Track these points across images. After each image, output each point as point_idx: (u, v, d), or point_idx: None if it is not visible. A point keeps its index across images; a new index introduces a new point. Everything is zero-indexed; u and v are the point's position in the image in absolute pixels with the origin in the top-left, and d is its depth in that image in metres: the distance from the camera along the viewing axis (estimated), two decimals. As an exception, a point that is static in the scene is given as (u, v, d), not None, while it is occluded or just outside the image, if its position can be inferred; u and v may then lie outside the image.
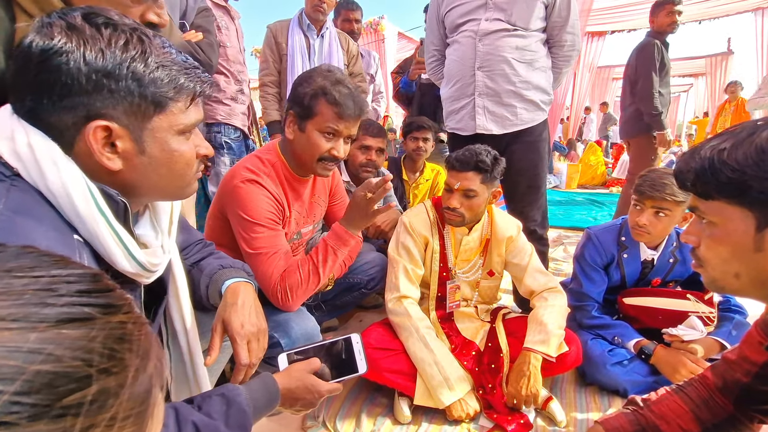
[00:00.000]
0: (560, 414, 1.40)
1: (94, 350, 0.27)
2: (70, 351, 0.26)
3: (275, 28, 2.52)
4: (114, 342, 0.29)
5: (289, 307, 1.29)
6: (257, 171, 1.34)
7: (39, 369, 0.25)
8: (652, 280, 1.65)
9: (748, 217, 0.63)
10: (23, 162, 0.59)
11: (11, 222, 0.54)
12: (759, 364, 0.87)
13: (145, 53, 0.62)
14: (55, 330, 0.27)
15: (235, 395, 0.77)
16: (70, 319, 0.28)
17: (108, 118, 0.61)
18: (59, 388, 0.25)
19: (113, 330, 0.29)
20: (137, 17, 0.83)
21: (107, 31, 0.60)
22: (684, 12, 3.26)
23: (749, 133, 0.63)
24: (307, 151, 1.35)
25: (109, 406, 0.27)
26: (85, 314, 0.28)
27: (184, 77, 0.66)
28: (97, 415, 0.27)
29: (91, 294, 0.30)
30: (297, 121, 1.34)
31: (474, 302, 1.71)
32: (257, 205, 1.30)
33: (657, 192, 1.44)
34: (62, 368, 0.26)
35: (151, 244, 0.75)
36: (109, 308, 0.30)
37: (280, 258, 1.30)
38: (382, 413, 1.45)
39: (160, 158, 0.67)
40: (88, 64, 0.58)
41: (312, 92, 1.30)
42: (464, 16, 1.82)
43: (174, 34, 1.28)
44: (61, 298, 0.28)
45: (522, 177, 1.90)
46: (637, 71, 3.11)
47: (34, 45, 0.58)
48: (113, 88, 0.60)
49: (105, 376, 0.27)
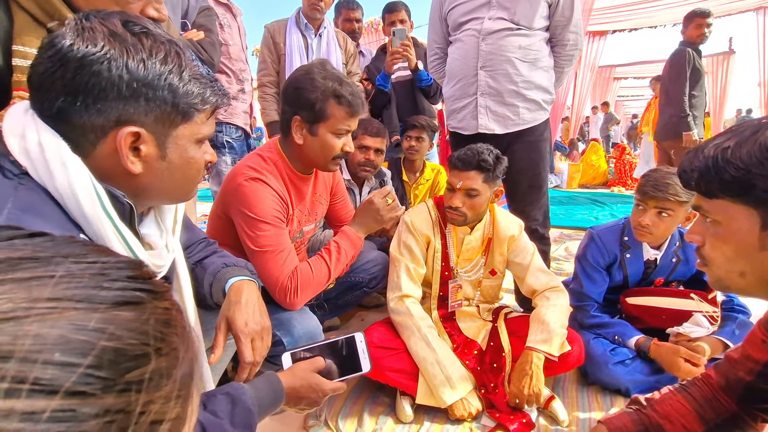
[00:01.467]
0: (562, 413, 1.40)
1: (147, 332, 0.29)
2: (127, 332, 0.28)
3: (273, 27, 2.51)
4: (162, 326, 0.30)
5: (293, 305, 1.29)
6: (260, 169, 1.34)
7: (105, 345, 0.26)
8: (655, 279, 1.65)
9: (753, 215, 0.63)
10: (32, 161, 0.60)
11: (19, 220, 0.55)
12: (762, 362, 0.87)
13: (181, 67, 0.65)
14: (113, 311, 0.28)
15: (240, 394, 0.78)
16: (125, 302, 0.29)
17: (138, 124, 0.63)
18: (123, 365, 0.27)
19: (161, 314, 0.31)
20: (137, 12, 0.84)
21: (148, 41, 0.63)
22: (685, 11, 3.41)
23: (753, 132, 0.63)
24: (321, 154, 1.36)
25: (163, 384, 0.29)
26: (137, 298, 0.30)
27: (210, 90, 0.70)
28: (155, 393, 0.28)
29: (137, 279, 0.31)
30: (306, 126, 1.33)
31: (476, 301, 1.71)
32: (262, 203, 1.29)
33: (660, 192, 1.44)
34: (123, 345, 0.27)
35: (156, 243, 0.76)
36: (155, 294, 0.32)
37: (286, 256, 1.30)
38: (384, 412, 1.45)
39: (177, 164, 0.70)
40: (130, 72, 0.61)
41: (322, 96, 1.29)
42: (467, 15, 1.81)
43: (171, 30, 1.29)
44: (114, 282, 0.30)
45: (523, 176, 1.90)
46: (669, 77, 3.35)
47: (75, 48, 0.58)
48: (150, 97, 0.63)
49: (158, 356, 0.29)
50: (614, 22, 7.83)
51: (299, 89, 1.32)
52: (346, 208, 1.74)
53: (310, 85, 1.30)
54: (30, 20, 0.78)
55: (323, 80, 1.30)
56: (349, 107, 1.31)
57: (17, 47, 0.77)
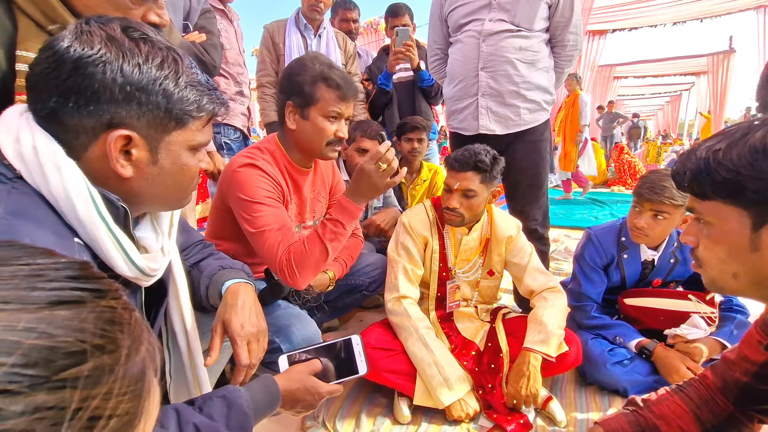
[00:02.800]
0: (560, 414, 1.40)
1: (86, 330, 0.29)
2: (62, 330, 0.28)
3: (272, 28, 2.51)
4: (105, 323, 0.30)
5: (296, 284, 1.25)
6: (254, 156, 1.37)
7: (35, 344, 0.26)
8: (653, 280, 1.65)
9: (744, 216, 0.64)
10: (26, 164, 0.60)
11: (11, 226, 0.55)
12: (758, 363, 0.87)
13: (177, 73, 0.65)
14: (47, 311, 0.28)
15: (236, 397, 0.78)
16: (60, 302, 0.29)
17: (130, 127, 0.63)
18: (56, 362, 0.27)
19: (103, 312, 0.31)
20: (138, 18, 0.84)
21: (145, 47, 0.63)
22: (685, 10, 3.34)
23: (743, 134, 0.63)
24: (314, 138, 1.37)
25: (104, 381, 0.29)
26: (75, 297, 0.30)
27: (207, 98, 0.69)
28: (93, 389, 0.28)
29: (79, 279, 0.31)
30: (298, 111, 1.36)
31: (474, 302, 1.71)
32: (256, 185, 1.31)
33: (656, 195, 1.44)
34: (57, 343, 0.27)
35: (151, 247, 0.76)
36: (98, 292, 0.32)
37: (282, 232, 1.28)
38: (381, 413, 1.45)
39: (169, 170, 0.70)
40: (125, 76, 0.60)
41: (311, 79, 1.32)
42: (468, 16, 1.82)
43: (173, 34, 1.29)
44: (49, 282, 0.30)
45: (523, 176, 1.90)
46: None
47: (72, 50, 0.59)
48: (143, 101, 0.63)
49: (99, 353, 0.29)
50: (614, 21, 7.84)
51: (290, 75, 1.36)
52: None
53: (301, 70, 1.34)
54: (33, 26, 0.78)
55: (312, 65, 1.33)
56: (338, 89, 1.33)
57: (20, 52, 0.78)
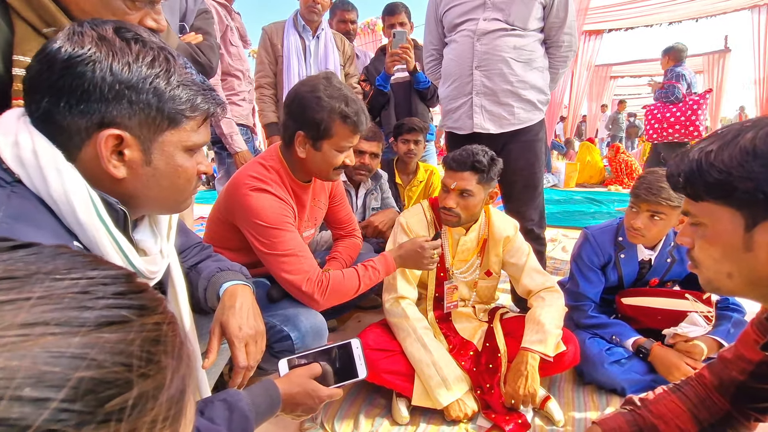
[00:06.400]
0: (558, 413, 1.40)
1: (132, 354, 0.27)
2: (110, 355, 0.26)
3: (270, 29, 2.51)
4: (150, 344, 0.29)
5: (318, 304, 1.33)
6: (263, 178, 1.35)
7: (83, 375, 0.25)
8: (650, 280, 1.66)
9: (737, 217, 0.64)
10: (26, 168, 0.60)
11: (11, 229, 0.55)
12: (754, 362, 0.88)
13: (168, 71, 0.64)
14: (95, 334, 0.26)
15: (237, 401, 0.78)
16: (108, 323, 0.27)
17: (122, 127, 0.63)
18: (102, 394, 0.25)
19: (149, 332, 0.29)
20: (135, 23, 0.83)
21: (136, 46, 0.62)
22: (680, 10, 3.33)
23: (734, 135, 0.65)
24: (323, 167, 1.39)
25: (148, 409, 0.27)
26: (122, 317, 0.28)
27: (201, 98, 0.68)
28: (138, 419, 0.27)
29: (125, 296, 0.30)
30: (310, 141, 1.35)
31: (472, 302, 1.71)
32: (272, 211, 1.31)
33: (652, 196, 1.44)
34: (104, 374, 0.26)
35: (150, 249, 0.76)
36: (144, 310, 0.30)
37: (308, 258, 1.34)
38: (380, 414, 1.45)
39: (164, 171, 0.69)
40: (114, 74, 0.60)
41: (328, 117, 1.30)
42: (462, 16, 1.82)
43: (171, 37, 1.29)
44: (98, 301, 0.28)
45: (519, 176, 1.90)
46: None
47: (62, 50, 0.59)
48: (133, 100, 0.62)
49: (143, 380, 0.27)
50: (610, 21, 7.85)
51: (305, 107, 1.31)
52: (344, 210, 1.75)
53: (316, 104, 1.30)
54: (30, 30, 0.77)
55: (329, 99, 1.30)
56: (354, 126, 1.34)
57: (17, 57, 0.77)
